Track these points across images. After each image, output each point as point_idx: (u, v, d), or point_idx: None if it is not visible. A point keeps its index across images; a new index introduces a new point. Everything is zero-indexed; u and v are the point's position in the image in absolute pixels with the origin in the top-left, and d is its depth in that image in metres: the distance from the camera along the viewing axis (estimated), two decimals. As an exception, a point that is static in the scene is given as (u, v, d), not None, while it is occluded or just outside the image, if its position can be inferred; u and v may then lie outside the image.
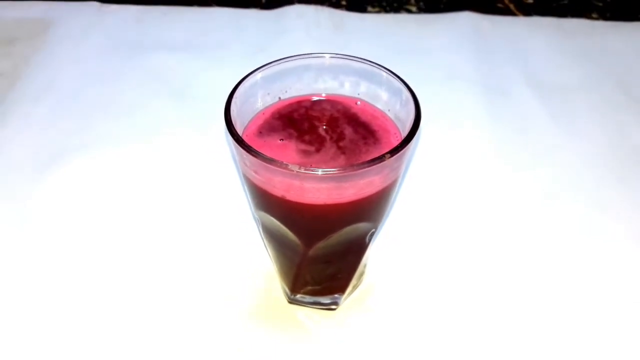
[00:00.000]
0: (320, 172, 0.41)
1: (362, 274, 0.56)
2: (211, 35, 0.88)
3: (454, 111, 0.75)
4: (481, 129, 0.73)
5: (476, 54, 0.85)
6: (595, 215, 0.63)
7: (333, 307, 0.55)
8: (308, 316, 0.55)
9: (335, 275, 0.53)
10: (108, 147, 0.69)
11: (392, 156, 0.42)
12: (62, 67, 0.83)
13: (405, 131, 0.48)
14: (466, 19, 0.91)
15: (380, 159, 0.42)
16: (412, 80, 0.49)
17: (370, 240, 0.50)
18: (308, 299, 0.55)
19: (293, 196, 0.44)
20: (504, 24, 0.91)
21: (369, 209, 0.47)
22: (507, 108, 0.77)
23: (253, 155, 0.42)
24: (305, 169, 0.41)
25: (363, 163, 0.41)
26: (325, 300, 0.55)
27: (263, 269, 0.58)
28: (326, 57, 0.52)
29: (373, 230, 0.50)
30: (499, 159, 0.69)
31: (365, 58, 0.51)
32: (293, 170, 0.41)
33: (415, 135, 0.44)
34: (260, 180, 0.44)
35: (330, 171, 0.41)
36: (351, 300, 0.56)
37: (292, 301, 0.55)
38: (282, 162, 0.41)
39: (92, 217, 0.62)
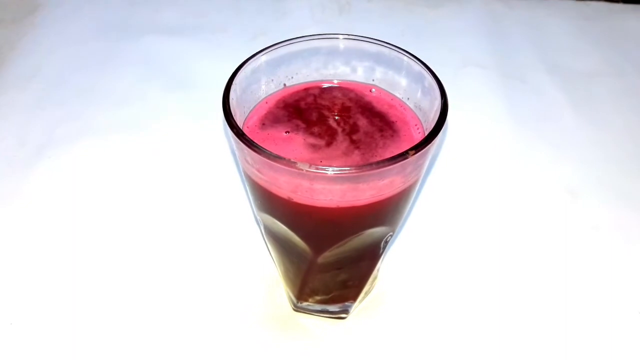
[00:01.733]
0: (332, 171, 0.34)
1: (374, 279, 0.50)
2: (208, 18, 0.81)
3: (470, 100, 0.68)
4: (499, 119, 0.67)
5: (491, 39, 0.78)
6: (621, 209, 0.57)
7: (343, 315, 0.49)
8: (315, 325, 0.48)
9: (346, 283, 0.46)
10: (97, 139, 0.64)
11: (416, 152, 0.36)
12: (49, 52, 0.76)
13: (428, 123, 0.41)
14: (479, 1, 0.84)
15: (403, 155, 0.35)
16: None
17: (386, 244, 0.44)
18: (315, 306, 0.49)
19: (301, 198, 0.37)
20: (520, 7, 0.84)
21: (387, 212, 0.40)
22: (525, 96, 0.70)
23: (255, 150, 0.36)
24: (315, 168, 0.34)
25: (383, 161, 0.35)
26: (335, 308, 0.49)
27: (265, 272, 0.52)
28: (337, 39, 0.45)
29: (390, 234, 0.43)
30: (519, 152, 0.63)
31: (381, 39, 0.44)
32: (302, 169, 0.35)
33: (442, 128, 0.38)
34: (263, 179, 0.38)
35: (344, 170, 0.34)
36: (362, 307, 0.50)
37: (297, 309, 0.49)
38: (289, 159, 0.35)
39: (80, 213, 0.56)
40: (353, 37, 0.45)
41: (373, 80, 0.46)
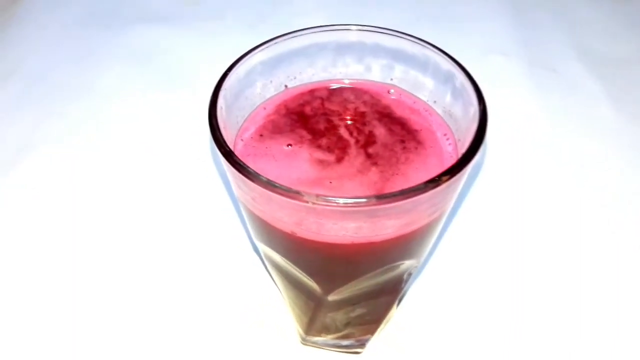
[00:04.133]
0: (345, 203, 0.26)
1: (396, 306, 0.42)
2: (202, 4, 0.73)
3: (494, 93, 0.59)
4: (529, 113, 0.58)
5: (514, 23, 0.70)
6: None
7: (358, 350, 0.41)
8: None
9: (362, 319, 0.39)
10: (82, 139, 0.57)
11: (451, 177, 0.28)
12: (30, 45, 0.68)
13: (461, 132, 0.33)
14: (501, -19, 0.75)
15: (435, 182, 0.27)
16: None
17: (410, 276, 0.36)
18: (327, 341, 0.41)
19: (307, 233, 0.29)
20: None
21: (412, 246, 0.32)
22: (556, 87, 0.62)
23: (248, 177, 0.28)
24: (324, 200, 0.26)
25: (409, 191, 0.27)
26: (349, 342, 0.41)
27: (268, 298, 0.44)
28: (348, 30, 0.37)
29: (415, 266, 0.35)
30: (554, 152, 0.54)
31: (401, 31, 0.36)
32: (307, 202, 0.27)
33: (483, 142, 0.29)
34: (260, 210, 0.30)
35: (360, 202, 0.27)
36: (381, 339, 0.42)
37: (306, 343, 0.42)
38: (290, 188, 0.27)
39: (61, 220, 0.49)
40: (366, 27, 0.37)
41: (391, 79, 0.38)
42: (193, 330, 0.42)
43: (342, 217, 0.28)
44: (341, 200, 0.26)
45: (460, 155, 0.33)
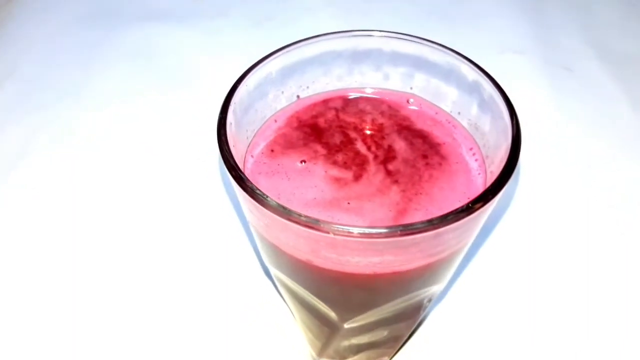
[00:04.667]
0: (368, 232, 0.24)
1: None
2: (205, 1, 0.69)
3: (511, 92, 0.57)
4: (545, 114, 0.56)
5: (530, 20, 0.67)
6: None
7: (374, 372, 0.39)
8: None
9: (378, 343, 0.36)
10: (82, 144, 0.54)
11: (484, 204, 0.25)
12: (27, 46, 0.66)
13: (489, 148, 0.31)
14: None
15: (467, 211, 0.25)
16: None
17: (431, 301, 0.34)
18: (341, 362, 0.39)
19: (325, 262, 0.27)
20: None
21: (436, 274, 0.30)
22: (574, 87, 0.59)
23: (261, 202, 0.25)
24: (345, 232, 0.24)
25: (437, 220, 0.24)
26: (364, 363, 0.39)
27: (278, 318, 0.41)
28: (364, 36, 0.34)
29: (438, 291, 0.33)
30: (569, 154, 0.52)
31: (421, 36, 0.33)
32: (328, 233, 0.24)
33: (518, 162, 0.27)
34: (274, 237, 0.28)
35: (382, 232, 0.24)
36: (399, 357, 0.40)
37: (318, 364, 0.39)
38: (310, 217, 0.24)
39: (62, 218, 0.47)
40: (384, 33, 0.34)
41: (411, 88, 0.35)
42: (202, 349, 0.40)
43: (364, 248, 0.25)
44: (365, 230, 0.24)
45: (488, 172, 0.30)
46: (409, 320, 0.34)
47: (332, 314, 0.31)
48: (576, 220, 0.47)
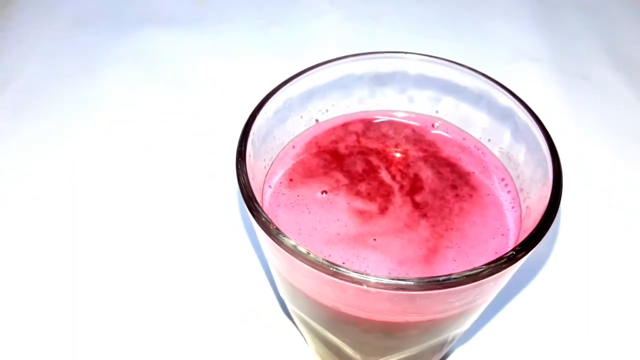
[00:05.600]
0: (403, 283, 0.22)
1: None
2: (210, 5, 0.67)
3: (527, 102, 0.55)
4: (561, 125, 0.53)
5: (543, 26, 0.64)
6: None
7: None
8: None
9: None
10: (82, 151, 0.51)
11: (527, 251, 0.23)
12: (25, 52, 0.63)
13: (525, 181, 0.28)
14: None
15: (510, 260, 0.22)
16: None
17: (454, 339, 0.32)
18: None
19: (351, 309, 0.25)
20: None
21: (472, 317, 0.28)
22: (590, 96, 0.57)
23: (287, 249, 0.23)
24: (380, 284, 0.22)
25: (479, 271, 0.22)
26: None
27: (293, 349, 0.39)
28: (386, 58, 0.32)
29: (465, 330, 0.31)
30: (587, 167, 0.50)
31: (448, 58, 0.31)
32: (362, 285, 0.22)
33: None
34: (298, 280, 0.25)
35: (419, 282, 0.22)
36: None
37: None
38: (340, 266, 0.22)
39: (62, 231, 0.44)
40: (408, 54, 0.31)
41: (437, 111, 0.33)
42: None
43: (400, 300, 0.23)
44: (402, 282, 0.22)
45: (523, 206, 0.28)
46: (432, 355, 0.32)
47: (356, 356, 0.29)
48: (602, 232, 0.44)
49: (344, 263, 0.27)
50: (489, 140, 0.31)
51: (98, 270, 0.42)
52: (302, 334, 0.37)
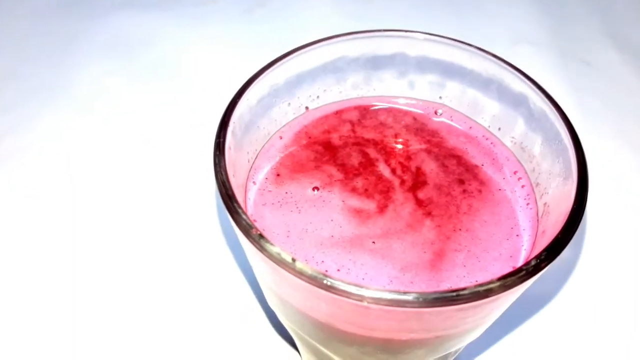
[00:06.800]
0: (412, 298, 0.18)
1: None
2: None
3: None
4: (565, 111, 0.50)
5: (543, 9, 0.61)
6: None
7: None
8: None
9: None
10: (56, 151, 0.46)
11: (549, 261, 0.19)
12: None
13: (542, 175, 0.25)
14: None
15: (529, 272, 0.19)
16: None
17: (459, 350, 0.28)
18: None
19: (347, 326, 0.21)
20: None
21: (473, 333, 0.24)
22: (592, 81, 0.53)
23: (268, 256, 0.19)
24: (388, 301, 0.18)
25: (494, 285, 0.19)
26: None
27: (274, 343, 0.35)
28: (382, 37, 0.28)
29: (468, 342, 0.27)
30: (589, 154, 0.46)
31: (453, 37, 0.27)
32: (362, 301, 0.18)
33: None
34: (286, 292, 0.22)
35: (427, 298, 0.18)
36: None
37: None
38: (330, 278, 0.19)
39: (34, 243, 0.40)
40: (408, 32, 0.28)
41: (440, 97, 0.29)
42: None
43: (403, 319, 0.19)
44: (407, 298, 0.18)
45: (540, 203, 0.25)
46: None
47: (352, 372, 0.26)
48: (600, 220, 0.41)
49: (339, 270, 0.23)
50: (499, 129, 0.28)
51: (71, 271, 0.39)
52: (295, 342, 0.33)
